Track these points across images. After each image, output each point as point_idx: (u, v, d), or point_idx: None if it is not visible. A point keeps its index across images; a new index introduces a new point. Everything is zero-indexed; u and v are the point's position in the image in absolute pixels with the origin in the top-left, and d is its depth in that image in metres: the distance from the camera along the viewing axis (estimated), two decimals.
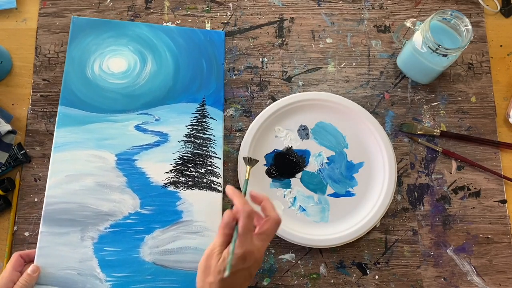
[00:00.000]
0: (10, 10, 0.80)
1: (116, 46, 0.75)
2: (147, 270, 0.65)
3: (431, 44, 0.69)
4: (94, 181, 0.68)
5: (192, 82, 0.75)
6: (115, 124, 0.71)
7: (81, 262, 0.64)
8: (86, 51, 0.74)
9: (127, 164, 0.69)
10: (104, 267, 0.64)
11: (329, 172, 0.74)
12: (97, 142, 0.69)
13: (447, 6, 0.84)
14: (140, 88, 0.73)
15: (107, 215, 0.66)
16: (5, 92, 0.77)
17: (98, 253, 0.65)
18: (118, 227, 0.66)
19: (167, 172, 0.70)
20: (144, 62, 0.75)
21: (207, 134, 0.72)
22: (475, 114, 0.79)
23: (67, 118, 0.70)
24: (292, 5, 0.83)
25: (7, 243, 0.70)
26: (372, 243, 0.73)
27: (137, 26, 0.76)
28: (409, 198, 0.75)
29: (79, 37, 0.75)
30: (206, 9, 0.82)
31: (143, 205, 0.68)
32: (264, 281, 0.71)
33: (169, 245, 0.66)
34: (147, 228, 0.67)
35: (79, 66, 0.73)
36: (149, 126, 0.71)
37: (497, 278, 0.72)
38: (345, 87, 0.79)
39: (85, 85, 0.72)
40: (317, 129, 0.76)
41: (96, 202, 0.67)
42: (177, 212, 0.68)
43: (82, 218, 0.66)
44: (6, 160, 0.72)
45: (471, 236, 0.74)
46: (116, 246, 0.65)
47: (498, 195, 0.75)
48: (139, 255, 0.65)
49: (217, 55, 0.77)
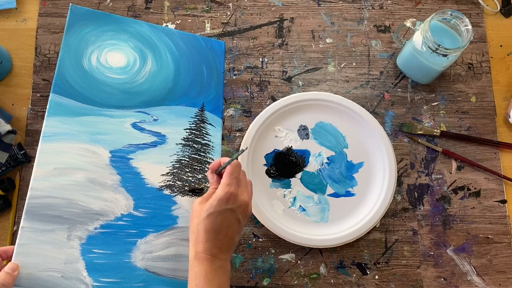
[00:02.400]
0: (10, 10, 0.80)
1: (116, 40, 0.72)
2: (138, 277, 0.60)
3: (431, 44, 0.69)
4: (85, 176, 0.63)
5: (192, 86, 0.73)
6: (110, 119, 0.67)
7: (66, 263, 0.58)
8: (84, 41, 0.70)
9: (121, 162, 0.65)
10: (92, 270, 0.59)
11: (329, 172, 0.74)
12: (90, 135, 0.65)
13: (447, 6, 0.84)
14: (138, 86, 0.71)
15: (97, 214, 0.62)
16: (5, 92, 0.77)
17: (85, 255, 0.59)
18: (109, 228, 0.62)
19: (163, 175, 0.67)
20: (144, 60, 0.72)
21: (205, 140, 0.71)
22: (475, 114, 0.79)
23: (58, 107, 0.65)
24: (292, 5, 0.83)
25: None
26: (372, 243, 0.73)
27: (138, 23, 0.74)
28: (409, 198, 0.75)
29: (76, 25, 0.70)
30: (206, 9, 0.82)
31: (137, 206, 0.64)
32: (264, 281, 0.71)
33: (163, 251, 0.62)
34: (140, 231, 0.63)
35: (75, 55, 0.69)
36: (147, 125, 0.69)
37: (497, 278, 0.72)
38: (345, 87, 0.79)
39: (81, 76, 0.68)
40: (317, 129, 0.76)
41: (87, 200, 0.62)
42: (172, 217, 0.65)
43: (70, 216, 0.60)
44: (6, 160, 0.72)
45: (471, 236, 0.74)
46: (106, 248, 0.61)
47: (498, 195, 0.75)
48: (130, 260, 0.61)
49: (217, 63, 0.76)
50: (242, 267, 0.71)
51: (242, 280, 0.71)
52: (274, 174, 0.74)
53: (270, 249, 0.72)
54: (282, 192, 0.73)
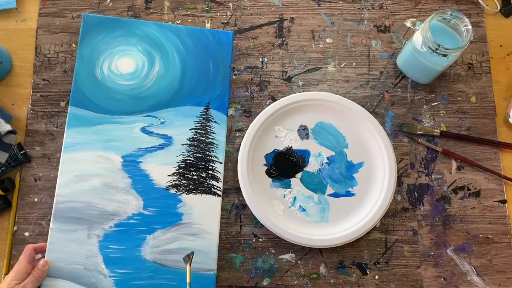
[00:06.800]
0: (10, 10, 0.80)
1: (125, 46, 0.75)
2: (147, 268, 0.67)
3: (431, 44, 0.69)
4: (101, 181, 0.70)
5: (198, 85, 0.75)
6: (121, 126, 0.72)
7: (87, 258, 0.67)
8: (96, 51, 0.74)
9: (132, 166, 0.71)
10: (108, 263, 0.67)
11: (329, 172, 0.74)
12: (104, 143, 0.71)
13: (447, 6, 0.84)
14: (147, 90, 0.74)
15: (112, 214, 0.69)
16: (5, 92, 0.77)
17: (103, 250, 0.67)
18: (122, 226, 0.69)
19: (170, 175, 0.71)
20: (152, 63, 0.75)
21: (210, 139, 0.73)
22: (475, 114, 0.79)
23: (76, 118, 0.71)
24: (292, 5, 0.83)
25: (7, 243, 0.70)
26: (372, 243, 0.73)
27: (146, 24, 0.76)
28: (409, 198, 0.75)
29: (89, 35, 0.74)
30: (206, 9, 0.82)
31: (146, 206, 0.70)
32: (264, 281, 0.71)
33: (169, 245, 0.68)
34: (148, 228, 0.69)
35: (88, 66, 0.74)
36: (155, 128, 0.73)
37: (497, 278, 0.72)
38: (345, 87, 0.79)
39: (94, 86, 0.73)
40: (317, 129, 0.76)
41: (102, 202, 0.69)
42: (178, 214, 0.70)
43: (89, 217, 0.68)
44: (6, 160, 0.72)
45: (471, 236, 0.74)
46: (119, 244, 0.68)
47: (498, 195, 0.75)
48: (140, 253, 0.68)
49: (224, 57, 0.76)
50: (242, 267, 0.71)
51: (242, 280, 0.71)
52: (274, 174, 0.74)
53: (270, 249, 0.72)
54: (282, 192, 0.73)
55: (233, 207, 0.73)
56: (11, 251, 0.70)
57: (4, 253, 0.70)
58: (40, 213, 0.72)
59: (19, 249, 0.70)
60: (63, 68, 0.78)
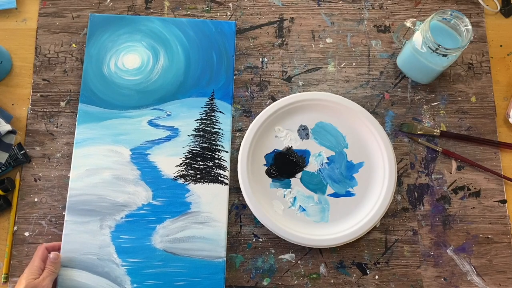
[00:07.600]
0: (10, 10, 0.80)
1: (130, 42, 0.78)
2: (158, 257, 0.69)
3: (431, 44, 0.69)
4: (111, 174, 0.72)
5: (202, 76, 0.77)
6: (129, 120, 0.74)
7: (100, 248, 0.69)
8: (103, 49, 0.77)
9: (140, 158, 0.73)
10: (120, 253, 0.69)
11: (329, 172, 0.74)
12: (113, 137, 0.73)
13: (447, 6, 0.84)
14: (152, 84, 0.76)
15: (123, 206, 0.71)
16: (5, 92, 0.77)
17: (115, 241, 0.70)
18: (132, 217, 0.71)
19: (177, 166, 0.73)
20: (156, 57, 0.77)
21: (215, 128, 0.75)
22: (475, 114, 0.79)
23: (86, 115, 0.74)
24: (292, 5, 0.83)
25: (7, 243, 0.70)
26: (372, 243, 0.73)
27: (150, 20, 0.79)
28: (409, 198, 0.75)
29: (96, 34, 0.77)
30: (206, 9, 0.82)
31: (155, 197, 0.72)
32: (264, 281, 0.71)
33: (178, 234, 0.70)
34: (158, 218, 0.71)
35: (96, 64, 0.76)
36: (161, 121, 0.75)
37: (497, 278, 0.72)
38: (345, 87, 0.79)
39: (102, 83, 0.75)
40: (317, 129, 0.76)
41: (113, 194, 0.71)
42: (186, 204, 0.71)
43: (101, 209, 0.71)
44: (6, 160, 0.72)
45: (471, 236, 0.74)
46: (130, 234, 0.70)
47: (498, 195, 0.75)
48: (151, 243, 0.70)
49: (227, 46, 0.78)
50: (242, 267, 0.71)
51: (242, 280, 0.71)
52: (274, 174, 0.74)
53: (270, 249, 0.72)
54: (282, 192, 0.73)
55: (233, 207, 0.73)
56: (11, 251, 0.70)
57: (4, 253, 0.70)
58: (40, 213, 0.72)
59: (19, 249, 0.70)
60: (63, 68, 0.78)
